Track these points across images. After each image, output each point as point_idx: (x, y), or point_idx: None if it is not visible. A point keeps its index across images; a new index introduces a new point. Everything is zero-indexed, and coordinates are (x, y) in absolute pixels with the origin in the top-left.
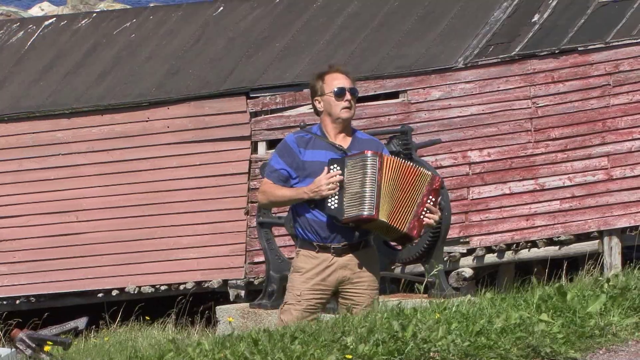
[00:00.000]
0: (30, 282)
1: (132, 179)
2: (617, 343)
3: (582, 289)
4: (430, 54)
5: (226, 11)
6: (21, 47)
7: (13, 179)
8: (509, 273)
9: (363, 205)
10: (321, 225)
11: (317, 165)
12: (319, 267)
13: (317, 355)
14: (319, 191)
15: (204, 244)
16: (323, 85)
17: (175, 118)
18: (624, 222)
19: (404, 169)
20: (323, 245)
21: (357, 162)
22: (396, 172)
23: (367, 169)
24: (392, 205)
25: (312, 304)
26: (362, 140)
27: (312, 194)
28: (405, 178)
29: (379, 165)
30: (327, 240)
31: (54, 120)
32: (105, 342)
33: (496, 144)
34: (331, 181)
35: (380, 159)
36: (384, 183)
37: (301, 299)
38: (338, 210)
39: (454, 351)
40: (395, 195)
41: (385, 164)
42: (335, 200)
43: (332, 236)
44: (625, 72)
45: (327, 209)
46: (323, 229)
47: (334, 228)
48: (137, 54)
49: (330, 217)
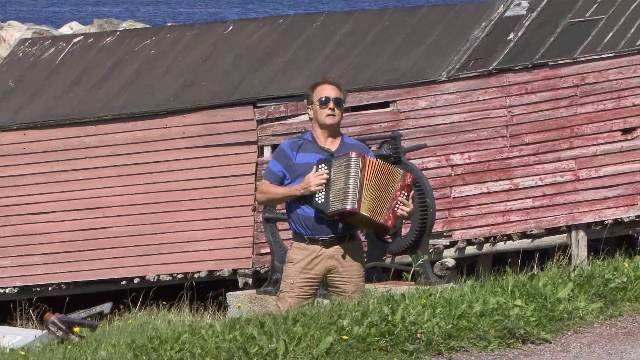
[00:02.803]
0: (60, 271)
1: (151, 180)
2: (583, 325)
3: (552, 277)
4: (417, 68)
5: (235, 30)
6: (52, 62)
7: (45, 180)
8: (487, 263)
9: (346, 200)
10: (310, 219)
11: (306, 167)
12: (308, 257)
13: (316, 336)
14: (308, 187)
15: (216, 237)
16: (312, 95)
17: (189, 125)
18: (589, 217)
19: (381, 168)
20: (312, 237)
21: (342, 162)
22: (375, 171)
23: (351, 168)
24: (372, 200)
25: (304, 291)
26: (348, 145)
27: (302, 190)
28: (383, 176)
29: (361, 165)
30: (316, 233)
31: (81, 127)
32: (128, 325)
33: (476, 148)
34: (319, 178)
35: (362, 160)
36: (365, 181)
37: (294, 287)
38: (324, 205)
39: (438, 332)
40: (374, 191)
41: (366, 164)
42: (322, 195)
43: (319, 229)
44: (590, 84)
45: (315, 204)
46: (311, 222)
47: (321, 222)
48: (155, 68)
49: (317, 210)
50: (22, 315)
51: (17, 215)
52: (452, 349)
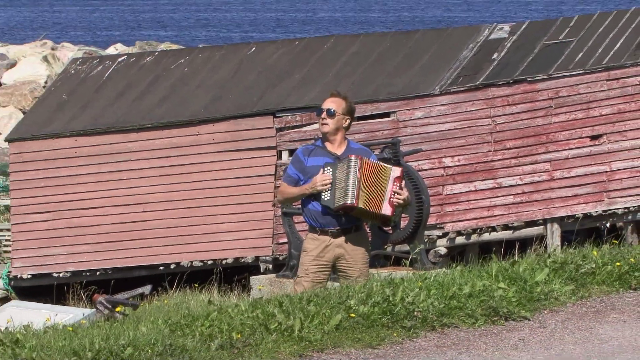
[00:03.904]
0: (106, 258)
1: (185, 179)
2: (558, 305)
3: (531, 264)
4: (413, 83)
5: (257, 51)
6: (100, 78)
7: (94, 179)
8: (474, 251)
9: (347, 196)
10: (319, 214)
11: (316, 169)
12: (320, 246)
13: (327, 314)
14: (315, 187)
15: (241, 229)
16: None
17: (218, 132)
18: (562, 212)
19: (375, 168)
20: (322, 229)
21: (344, 164)
22: (371, 170)
23: (351, 169)
24: (368, 195)
25: (317, 276)
26: (353, 149)
27: (310, 189)
28: (377, 174)
29: (358, 167)
30: (325, 226)
31: (125, 134)
32: (165, 304)
33: (464, 152)
34: (324, 179)
35: (360, 162)
36: (362, 179)
37: (308, 272)
38: (330, 201)
39: (433, 311)
40: (370, 187)
41: (363, 165)
42: (328, 194)
43: (328, 222)
44: (563, 97)
45: (322, 201)
46: (321, 217)
47: (328, 216)
48: (189, 83)
49: (324, 207)
50: (74, 296)
51: (70, 210)
52: (445, 325)
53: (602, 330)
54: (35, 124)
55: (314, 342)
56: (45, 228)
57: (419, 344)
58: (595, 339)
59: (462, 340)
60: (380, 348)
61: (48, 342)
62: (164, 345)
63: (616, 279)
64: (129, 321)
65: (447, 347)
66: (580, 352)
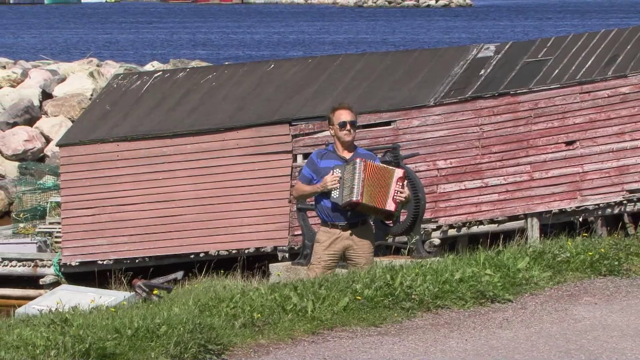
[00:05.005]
0: (144, 248)
1: (212, 179)
2: (537, 289)
3: (513, 253)
4: (411, 96)
5: (275, 67)
6: (138, 91)
7: (133, 179)
8: (464, 242)
9: (352, 194)
10: (329, 209)
11: (327, 170)
12: (330, 238)
13: (336, 297)
14: (326, 185)
15: (261, 222)
16: (333, 117)
17: (242, 139)
18: (541, 208)
19: (378, 169)
20: (333, 223)
21: (350, 167)
22: (375, 171)
23: (356, 170)
24: (372, 192)
25: (328, 264)
26: (360, 153)
27: (321, 188)
28: (381, 174)
29: (363, 168)
30: (335, 220)
31: (161, 140)
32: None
33: (455, 156)
34: (333, 179)
35: (364, 164)
36: (366, 179)
37: (320, 260)
38: (338, 198)
39: (428, 294)
40: (373, 186)
41: (367, 167)
42: (337, 192)
43: (337, 217)
44: (542, 108)
45: (332, 198)
46: (331, 212)
47: (337, 211)
48: (216, 96)
49: (333, 203)
50: (116, 281)
51: (112, 205)
52: (438, 306)
53: (576, 311)
54: (82, 131)
55: (325, 321)
56: (91, 221)
57: (416, 323)
58: (570, 318)
59: (454, 320)
60: (382, 326)
61: (93, 321)
62: (194, 323)
63: (588, 266)
64: (164, 303)
65: (440, 326)
66: (556, 330)
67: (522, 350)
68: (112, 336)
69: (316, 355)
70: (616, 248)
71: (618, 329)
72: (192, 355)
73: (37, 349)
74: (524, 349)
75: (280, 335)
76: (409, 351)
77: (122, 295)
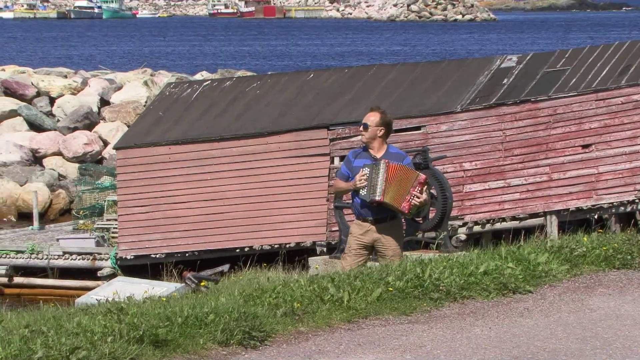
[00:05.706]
0: (194, 243)
1: (257, 180)
2: (556, 281)
3: (534, 248)
4: (440, 103)
5: (315, 77)
6: (189, 98)
7: (184, 180)
8: (488, 238)
9: (376, 193)
10: (359, 205)
11: (359, 169)
12: (362, 230)
13: (370, 288)
14: (355, 184)
15: (301, 219)
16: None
17: (284, 142)
18: (559, 206)
19: (402, 171)
20: (364, 218)
21: (376, 166)
22: (397, 173)
23: (380, 171)
24: (394, 192)
25: (358, 253)
26: (391, 153)
27: (352, 186)
28: (403, 176)
29: (386, 169)
30: (365, 215)
31: (209, 144)
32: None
33: (480, 158)
34: (362, 178)
35: (387, 165)
36: (389, 179)
37: (351, 249)
38: (366, 196)
39: (454, 285)
40: (395, 187)
41: (390, 168)
42: (365, 190)
43: (367, 212)
44: (560, 114)
45: (361, 196)
46: (361, 208)
47: (366, 207)
48: (260, 102)
49: (362, 201)
50: (167, 273)
51: (164, 204)
52: (464, 297)
53: (591, 302)
54: (137, 135)
55: (360, 311)
56: (145, 218)
57: (443, 312)
58: (586, 308)
59: (479, 309)
60: (412, 315)
61: (146, 310)
62: (239, 312)
63: (603, 260)
64: (211, 293)
65: (466, 315)
66: (573, 319)
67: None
68: (163, 324)
69: (352, 341)
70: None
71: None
72: (237, 342)
73: (95, 335)
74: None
75: (319, 323)
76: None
77: (173, 287)
